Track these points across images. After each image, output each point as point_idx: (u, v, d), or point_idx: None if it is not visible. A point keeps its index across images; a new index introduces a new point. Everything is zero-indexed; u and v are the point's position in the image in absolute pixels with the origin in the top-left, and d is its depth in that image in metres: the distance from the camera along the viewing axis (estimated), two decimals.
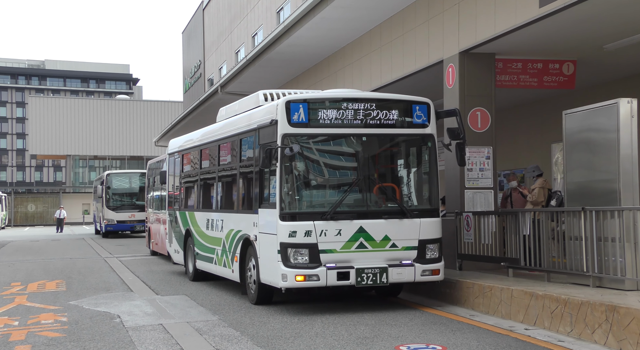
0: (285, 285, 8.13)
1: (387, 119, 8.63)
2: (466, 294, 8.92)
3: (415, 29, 12.09)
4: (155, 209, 19.12)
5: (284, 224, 8.19)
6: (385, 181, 8.95)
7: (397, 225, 8.46)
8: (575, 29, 9.92)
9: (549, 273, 8.67)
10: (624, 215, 7.47)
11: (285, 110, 8.30)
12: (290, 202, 8.32)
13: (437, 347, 6.52)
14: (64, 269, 15.48)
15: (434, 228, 8.68)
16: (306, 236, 8.15)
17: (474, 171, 10.54)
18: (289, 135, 8.27)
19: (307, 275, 8.06)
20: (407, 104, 8.83)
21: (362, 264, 8.23)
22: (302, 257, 8.13)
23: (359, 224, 8.30)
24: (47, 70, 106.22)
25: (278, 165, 8.22)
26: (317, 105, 8.48)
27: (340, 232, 8.23)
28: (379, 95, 9.21)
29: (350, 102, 8.51)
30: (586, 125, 8.43)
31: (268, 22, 26.72)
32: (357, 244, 8.28)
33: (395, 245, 8.42)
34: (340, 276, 8.13)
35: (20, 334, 7.61)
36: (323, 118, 8.41)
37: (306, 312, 8.58)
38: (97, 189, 33.67)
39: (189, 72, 40.80)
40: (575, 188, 8.58)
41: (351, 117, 8.48)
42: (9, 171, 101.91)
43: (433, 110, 8.87)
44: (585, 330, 6.90)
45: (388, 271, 8.26)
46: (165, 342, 7.02)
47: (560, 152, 12.17)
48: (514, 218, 9.34)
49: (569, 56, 11.44)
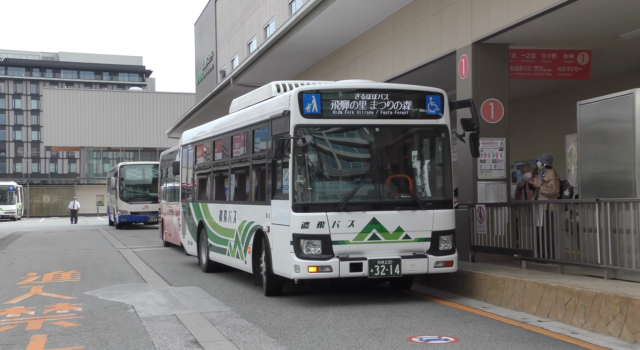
0: (298, 276, 8.12)
1: (400, 110, 8.56)
2: (479, 286, 8.88)
3: (428, 20, 12.00)
4: (169, 201, 19.22)
5: (296, 215, 8.17)
6: (399, 172, 8.87)
7: (410, 216, 8.40)
8: (590, 18, 9.80)
9: (562, 265, 8.61)
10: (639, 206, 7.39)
11: (298, 101, 8.25)
12: (302, 193, 8.30)
13: (450, 339, 6.51)
14: (78, 260, 15.61)
15: (448, 219, 8.62)
16: (319, 227, 8.11)
17: (487, 163, 10.48)
18: (302, 126, 8.23)
19: (320, 267, 8.04)
20: (421, 94, 8.75)
21: (375, 256, 8.18)
22: (314, 248, 8.10)
23: (372, 215, 8.25)
24: (61, 63, 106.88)
25: (290, 156, 8.19)
26: (329, 95, 8.42)
27: (353, 223, 8.18)
28: (392, 85, 9.15)
29: (363, 93, 8.45)
30: (601, 116, 8.35)
31: (280, 13, 26.64)
32: (370, 235, 8.23)
33: (409, 236, 8.37)
34: (353, 267, 8.10)
35: (36, 324, 7.68)
36: (336, 109, 8.36)
37: (318, 304, 8.59)
38: (110, 181, 33.86)
39: (201, 64, 40.85)
40: (589, 179, 8.51)
41: (364, 107, 8.42)
42: (24, 163, 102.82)
43: (447, 101, 8.79)
44: (599, 322, 6.86)
45: (401, 263, 8.22)
46: (179, 333, 7.06)
47: (574, 143, 12.05)
48: (527, 209, 9.28)
49: (583, 46, 11.31)
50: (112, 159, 65.86)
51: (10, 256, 17.21)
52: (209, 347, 6.38)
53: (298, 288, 9.26)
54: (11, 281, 11.84)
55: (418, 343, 6.36)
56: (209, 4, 39.59)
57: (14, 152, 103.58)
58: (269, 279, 9.05)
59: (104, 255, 16.70)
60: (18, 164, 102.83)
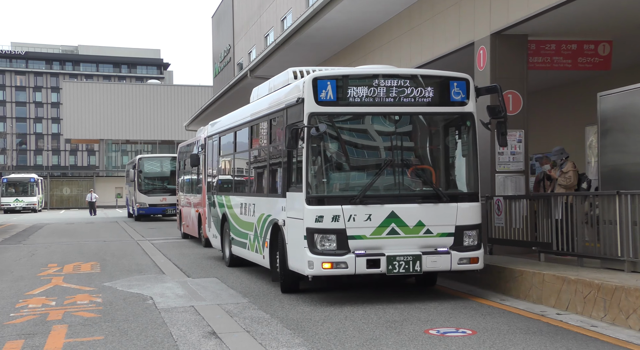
0: (312, 272, 7.75)
1: (422, 97, 8.06)
2: (497, 279, 8.84)
3: (446, 11, 11.91)
4: (186, 192, 19.33)
5: (310, 208, 7.81)
6: (420, 163, 8.36)
7: (432, 210, 7.96)
8: (611, 8, 9.66)
9: (581, 258, 8.54)
10: None
11: (312, 88, 7.83)
12: (317, 185, 7.94)
13: (467, 331, 6.49)
14: (98, 251, 15.77)
15: (473, 213, 8.16)
16: (334, 221, 7.74)
17: (505, 155, 10.39)
18: (316, 114, 7.83)
19: (335, 263, 7.65)
20: (444, 80, 8.23)
21: (394, 251, 7.76)
22: (329, 243, 7.74)
23: (390, 208, 7.84)
24: (81, 56, 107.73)
25: (304, 146, 7.84)
26: (346, 82, 7.97)
27: (370, 217, 7.78)
28: (414, 71, 8.65)
29: (382, 79, 7.99)
30: (622, 107, 8.24)
31: (297, 5, 26.59)
32: (389, 230, 7.82)
33: (430, 231, 7.93)
34: (370, 264, 7.69)
35: (57, 314, 7.78)
36: (353, 96, 7.91)
37: (335, 296, 8.59)
38: (129, 173, 34.15)
39: (218, 57, 40.95)
40: (609, 171, 8.42)
41: (383, 94, 7.96)
42: (44, 155, 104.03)
43: (473, 87, 8.27)
44: (619, 315, 6.79)
45: (422, 259, 7.78)
46: (197, 324, 7.11)
47: (594, 135, 11.89)
48: (546, 202, 9.20)
49: (604, 36, 11.16)
50: (130, 151, 66.38)
51: (31, 247, 17.44)
52: (227, 338, 6.42)
53: (315, 284, 8.98)
54: (32, 272, 12.00)
55: (435, 335, 6.34)
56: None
57: (34, 144, 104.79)
58: (284, 275, 8.74)
59: (123, 247, 16.86)
60: (39, 157, 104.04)
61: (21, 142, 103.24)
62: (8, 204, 45.87)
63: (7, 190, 46.52)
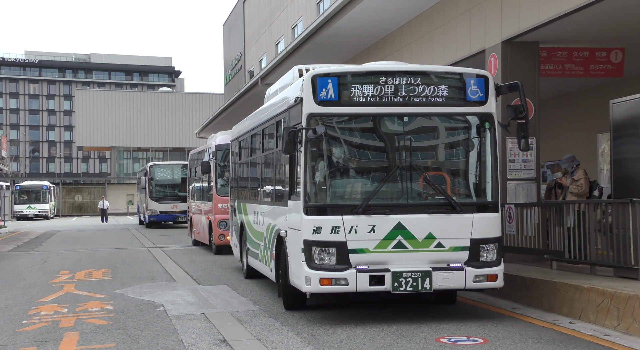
0: (309, 289, 6.99)
1: (435, 96, 7.21)
2: (508, 287, 8.77)
3: (457, 19, 11.91)
4: (197, 200, 19.38)
5: (308, 218, 7.02)
6: (431, 169, 7.48)
7: (443, 221, 7.09)
8: (624, 15, 9.62)
9: (594, 266, 8.48)
10: None
11: (312, 86, 7.06)
12: (316, 193, 7.17)
13: (479, 340, 6.45)
14: (109, 259, 15.83)
15: (491, 225, 7.26)
16: (333, 233, 6.93)
17: (516, 162, 10.35)
18: (316, 115, 7.06)
19: (334, 279, 6.86)
20: (460, 76, 7.39)
21: (401, 267, 6.93)
22: (328, 257, 6.94)
23: (396, 219, 7.01)
24: (93, 64, 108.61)
25: (302, 151, 7.09)
26: (349, 79, 7.17)
27: (374, 228, 6.96)
28: (425, 67, 7.75)
29: (389, 76, 7.15)
30: (635, 114, 8.20)
31: (308, 13, 26.70)
32: (395, 243, 6.99)
33: (442, 244, 7.06)
34: (373, 280, 6.89)
35: (69, 321, 7.81)
36: (357, 95, 7.10)
37: (345, 305, 8.56)
38: (140, 180, 34.30)
39: (229, 64, 41.14)
40: (622, 179, 8.36)
41: (391, 93, 7.14)
42: (57, 162, 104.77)
43: (492, 85, 7.39)
44: (633, 324, 6.73)
45: (432, 275, 6.94)
46: (208, 331, 7.11)
47: (606, 143, 11.82)
48: (558, 210, 9.15)
49: (617, 43, 11.12)
50: (141, 158, 66.66)
51: (43, 254, 17.54)
52: (237, 346, 6.42)
53: (321, 301, 8.33)
54: (45, 279, 12.07)
55: (446, 344, 6.31)
56: (237, 5, 39.85)
57: (47, 152, 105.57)
58: (286, 291, 7.99)
59: (134, 254, 16.92)
60: (51, 164, 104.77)
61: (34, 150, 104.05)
62: (21, 211, 46.18)
63: (19, 198, 46.83)
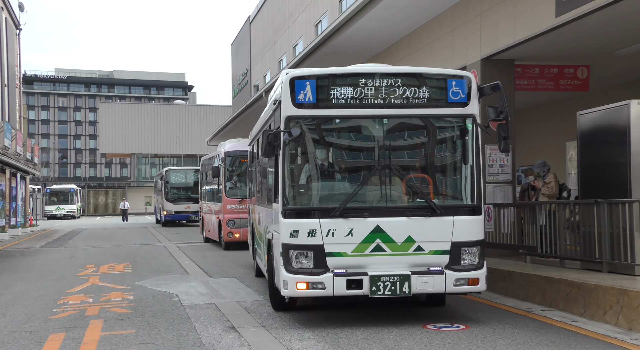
0: (287, 293, 6.35)
1: (416, 97, 6.46)
2: (488, 279, 8.75)
3: (441, 38, 11.95)
4: (208, 201, 19.37)
5: (285, 222, 6.34)
6: (411, 172, 6.67)
7: (423, 224, 6.31)
8: (589, 36, 9.67)
9: (563, 260, 8.50)
10: (635, 206, 7.27)
11: (290, 89, 6.35)
12: (294, 196, 6.46)
13: (461, 326, 6.46)
14: (129, 254, 15.81)
15: (473, 228, 6.43)
16: (310, 236, 6.23)
17: (494, 167, 10.39)
18: (293, 117, 6.35)
19: (311, 283, 6.19)
20: (442, 78, 6.58)
21: (379, 271, 6.22)
22: (306, 261, 6.26)
23: (375, 222, 6.25)
24: (115, 80, 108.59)
25: (280, 154, 6.43)
26: (328, 81, 6.41)
27: (352, 231, 6.23)
28: (406, 69, 6.86)
29: (369, 78, 6.42)
30: (599, 124, 8.23)
31: (307, 33, 26.75)
32: (373, 247, 6.25)
33: (422, 248, 6.30)
34: (351, 284, 6.19)
35: (94, 310, 7.81)
36: (336, 97, 6.37)
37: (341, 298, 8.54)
38: (157, 184, 34.26)
39: (237, 79, 41.16)
40: (588, 182, 8.39)
41: (371, 95, 6.40)
42: (83, 168, 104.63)
43: (475, 86, 6.59)
44: (597, 311, 6.75)
45: (411, 279, 6.20)
46: (218, 319, 7.11)
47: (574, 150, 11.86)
48: (531, 209, 9.17)
49: (583, 61, 11.17)
50: (158, 164, 66.57)
51: (71, 250, 17.52)
52: (244, 332, 6.42)
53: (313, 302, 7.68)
54: (72, 272, 12.06)
55: (432, 330, 6.32)
56: (244, 26, 39.92)
57: (74, 158, 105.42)
58: (272, 293, 7.36)
59: (152, 250, 16.90)
60: (78, 169, 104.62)
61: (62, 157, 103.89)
62: (51, 212, 46.21)
63: (50, 199, 46.92)
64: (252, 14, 38.03)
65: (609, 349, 5.57)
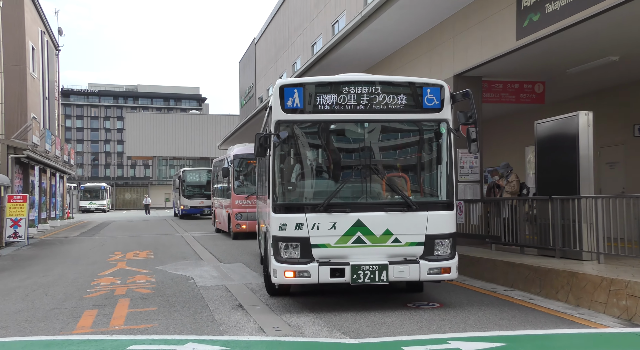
0: (276, 281, 6.21)
1: (394, 104, 6.29)
2: (459, 264, 8.82)
3: (420, 57, 12.00)
4: (219, 197, 19.35)
5: (275, 216, 6.18)
6: (389, 171, 6.47)
7: (400, 218, 6.10)
8: (544, 57, 9.74)
9: (523, 247, 8.56)
10: (582, 202, 7.33)
11: (279, 96, 6.22)
12: (283, 192, 6.27)
13: (436, 304, 6.51)
14: (151, 242, 15.78)
15: (445, 222, 6.22)
16: (297, 229, 6.07)
17: (465, 168, 10.44)
18: (283, 121, 6.19)
19: (298, 271, 6.03)
20: (417, 86, 6.40)
21: (360, 261, 6.05)
22: (293, 251, 6.11)
23: (356, 216, 6.08)
24: (139, 92, 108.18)
25: (270, 154, 6.27)
26: (313, 89, 6.24)
27: (335, 225, 6.05)
28: (385, 78, 6.58)
29: (352, 86, 6.26)
30: (553, 132, 8.29)
31: (305, 53, 26.76)
32: (354, 239, 6.07)
33: (398, 240, 6.10)
34: (333, 273, 6.02)
35: (122, 290, 7.82)
36: (321, 103, 6.21)
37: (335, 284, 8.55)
38: (175, 182, 34.18)
39: (244, 92, 41.09)
40: (544, 181, 8.45)
41: (353, 101, 6.23)
42: (111, 168, 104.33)
43: (448, 93, 6.43)
44: (551, 291, 6.81)
45: (388, 268, 6.01)
46: (228, 299, 7.13)
47: (532, 153, 11.93)
48: (496, 204, 9.22)
49: (539, 78, 11.24)
50: (176, 165, 66.36)
51: (102, 239, 17.47)
52: (251, 309, 6.44)
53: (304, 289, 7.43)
54: (103, 258, 12.04)
55: (412, 307, 6.37)
56: (250, 46, 39.86)
57: (104, 160, 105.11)
58: (266, 280, 7.25)
59: (171, 239, 16.87)
60: (107, 170, 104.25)
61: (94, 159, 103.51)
62: (84, 206, 46.23)
63: (83, 195, 46.90)
64: (257, 36, 37.98)
65: (560, 322, 5.62)
